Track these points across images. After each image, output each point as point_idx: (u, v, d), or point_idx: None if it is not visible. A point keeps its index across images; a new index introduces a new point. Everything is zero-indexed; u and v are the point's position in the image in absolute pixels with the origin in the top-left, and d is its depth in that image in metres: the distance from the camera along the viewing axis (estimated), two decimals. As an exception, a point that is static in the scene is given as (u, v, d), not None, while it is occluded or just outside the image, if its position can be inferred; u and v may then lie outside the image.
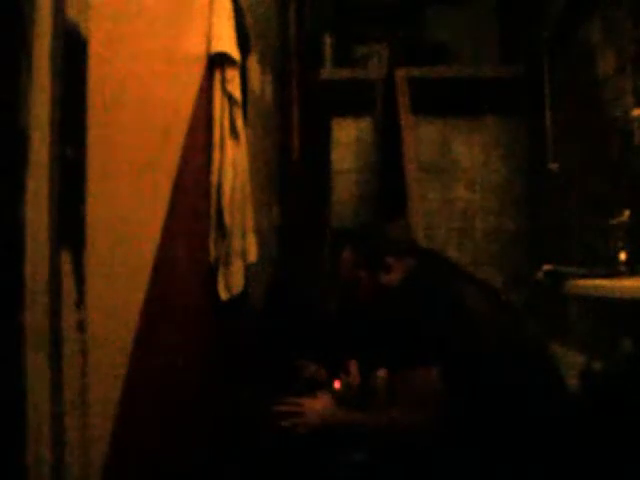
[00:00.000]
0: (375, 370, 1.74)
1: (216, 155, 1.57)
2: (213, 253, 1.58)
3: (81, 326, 0.80)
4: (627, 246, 2.10)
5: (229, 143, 1.60)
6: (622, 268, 2.08)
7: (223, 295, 1.63)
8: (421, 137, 3.67)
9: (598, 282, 1.88)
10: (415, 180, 3.05)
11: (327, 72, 3.65)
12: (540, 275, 2.43)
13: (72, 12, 0.78)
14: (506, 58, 3.65)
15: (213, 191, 1.57)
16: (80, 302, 0.80)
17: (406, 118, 3.17)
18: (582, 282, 1.98)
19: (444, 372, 1.34)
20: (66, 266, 0.77)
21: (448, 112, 3.67)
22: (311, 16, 3.52)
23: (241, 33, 1.73)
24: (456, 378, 1.34)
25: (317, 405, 1.56)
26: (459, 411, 1.33)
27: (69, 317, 0.78)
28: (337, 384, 1.91)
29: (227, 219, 1.58)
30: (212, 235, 1.58)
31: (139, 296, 1.09)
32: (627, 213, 2.11)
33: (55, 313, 0.74)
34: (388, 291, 1.54)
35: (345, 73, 3.64)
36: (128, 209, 1.03)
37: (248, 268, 1.82)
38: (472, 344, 1.38)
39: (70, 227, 0.79)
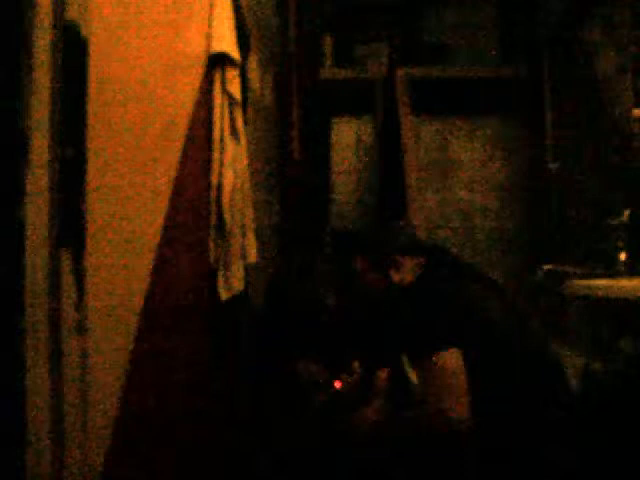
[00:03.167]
0: (376, 370, 1.74)
1: (216, 155, 1.57)
2: (213, 253, 1.58)
3: (81, 326, 0.80)
4: (627, 246, 2.10)
5: (229, 143, 1.59)
6: (622, 268, 2.09)
7: (223, 295, 1.63)
8: (421, 137, 3.67)
9: (598, 282, 1.88)
10: (415, 180, 3.06)
11: (327, 72, 3.65)
12: (540, 275, 2.43)
13: (72, 12, 0.78)
14: (506, 58, 3.65)
15: (213, 191, 1.57)
16: (80, 302, 0.80)
17: (406, 118, 3.17)
18: (582, 282, 1.99)
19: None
20: (66, 266, 0.77)
21: (448, 112, 3.67)
22: (311, 16, 3.52)
23: (241, 33, 1.73)
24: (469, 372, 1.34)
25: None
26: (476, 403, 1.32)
27: (69, 317, 0.78)
28: (337, 384, 1.91)
29: (227, 219, 1.58)
30: (212, 235, 1.58)
31: (139, 296, 1.09)
32: (627, 213, 2.11)
33: (55, 313, 0.74)
34: (401, 289, 1.56)
35: (345, 73, 3.64)
36: (128, 209, 1.03)
37: (248, 268, 1.82)
38: (484, 341, 1.38)
39: (70, 227, 0.79)
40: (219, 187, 1.57)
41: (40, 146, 0.72)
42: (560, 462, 1.34)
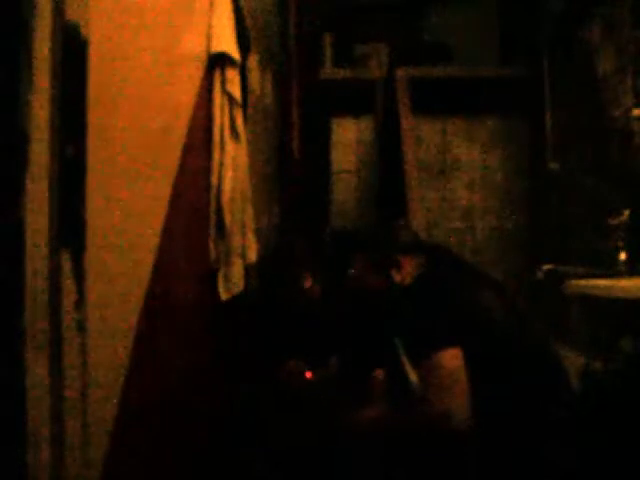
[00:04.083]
0: (372, 370, 1.74)
1: (216, 155, 1.57)
2: (213, 253, 1.58)
3: (81, 326, 0.80)
4: (627, 246, 2.10)
5: (229, 143, 1.60)
6: (622, 268, 2.09)
7: (223, 295, 1.63)
8: (421, 137, 3.67)
9: (598, 282, 1.88)
10: (415, 180, 3.06)
11: (327, 72, 3.65)
12: (540, 275, 2.44)
13: (72, 12, 0.78)
14: (506, 58, 3.65)
15: (213, 191, 1.57)
16: (80, 302, 0.80)
17: (406, 118, 3.17)
18: (582, 282, 1.99)
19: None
20: (66, 266, 0.77)
21: (448, 112, 3.67)
22: (311, 16, 3.52)
23: (241, 33, 1.73)
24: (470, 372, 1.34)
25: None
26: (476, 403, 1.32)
27: (69, 317, 0.78)
28: (309, 374, 1.97)
29: (227, 219, 1.59)
30: (212, 235, 1.58)
31: (139, 296, 1.09)
32: (627, 213, 2.11)
33: (55, 313, 0.74)
34: (402, 288, 1.56)
35: (345, 73, 3.64)
36: (128, 209, 1.03)
37: (248, 268, 1.83)
38: (484, 340, 1.38)
39: (70, 227, 0.79)
40: (219, 187, 1.57)
41: (40, 146, 0.72)
42: (560, 462, 1.34)
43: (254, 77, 2.28)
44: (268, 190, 2.64)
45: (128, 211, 1.03)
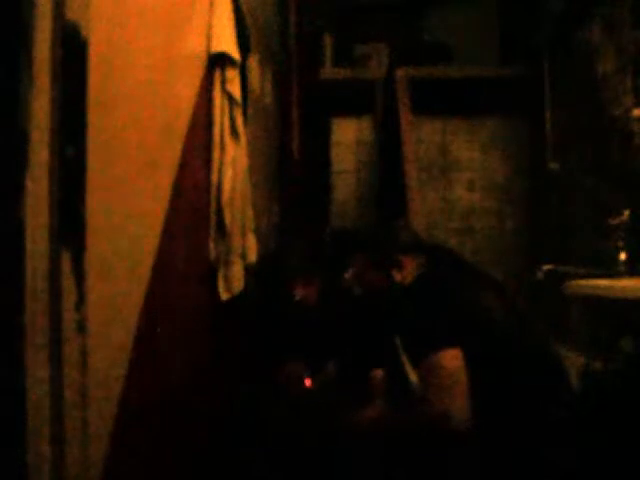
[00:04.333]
0: (372, 370, 1.74)
1: (216, 155, 1.57)
2: (213, 253, 1.58)
3: (81, 326, 0.80)
4: (627, 246, 2.10)
5: (229, 143, 1.60)
6: (622, 268, 2.09)
7: (223, 295, 1.63)
8: (421, 137, 3.67)
9: (598, 282, 1.88)
10: (415, 180, 3.05)
11: (327, 72, 3.66)
12: (540, 275, 2.44)
13: (72, 12, 0.78)
14: (506, 58, 3.65)
15: (213, 191, 1.57)
16: (80, 302, 0.80)
17: (406, 118, 3.17)
18: (582, 282, 1.98)
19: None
20: (66, 266, 0.77)
21: (448, 112, 3.67)
22: (311, 16, 3.52)
23: (241, 33, 1.73)
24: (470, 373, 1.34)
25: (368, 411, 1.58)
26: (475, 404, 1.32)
27: (69, 317, 0.78)
28: (308, 382, 1.97)
29: (227, 219, 1.59)
30: (212, 235, 1.58)
31: (139, 296, 1.09)
32: (627, 213, 2.11)
33: (55, 313, 0.74)
34: (402, 288, 1.56)
35: (345, 73, 3.64)
36: (128, 209, 1.03)
37: (248, 268, 1.82)
38: (485, 340, 1.38)
39: (70, 227, 0.79)
40: (219, 187, 1.58)
41: (40, 146, 0.72)
42: (560, 462, 1.34)
43: (254, 77, 2.28)
44: (268, 190, 2.64)
45: (128, 211, 1.03)
